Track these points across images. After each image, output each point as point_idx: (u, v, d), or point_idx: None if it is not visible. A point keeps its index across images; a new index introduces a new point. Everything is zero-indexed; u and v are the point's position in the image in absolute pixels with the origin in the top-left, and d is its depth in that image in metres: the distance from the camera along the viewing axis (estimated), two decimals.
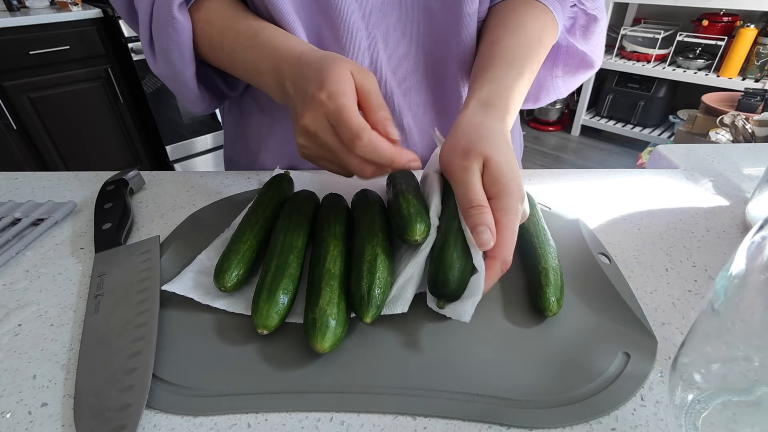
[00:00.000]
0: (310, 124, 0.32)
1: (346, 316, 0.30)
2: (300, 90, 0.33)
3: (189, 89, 0.45)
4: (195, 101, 0.48)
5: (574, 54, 0.50)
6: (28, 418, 0.26)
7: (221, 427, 0.25)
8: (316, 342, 0.27)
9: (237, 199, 0.46)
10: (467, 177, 0.31)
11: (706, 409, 0.22)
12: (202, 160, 2.21)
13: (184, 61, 0.42)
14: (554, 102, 2.89)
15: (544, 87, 0.54)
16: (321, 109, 0.31)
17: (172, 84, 0.46)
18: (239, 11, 0.42)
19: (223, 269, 0.33)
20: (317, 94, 0.31)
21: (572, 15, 0.49)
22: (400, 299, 0.31)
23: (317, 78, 0.32)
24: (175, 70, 0.43)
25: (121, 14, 0.46)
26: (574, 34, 0.50)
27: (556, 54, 0.51)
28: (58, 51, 1.72)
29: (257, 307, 0.30)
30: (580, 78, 0.54)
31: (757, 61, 2.03)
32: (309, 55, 0.35)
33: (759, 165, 0.55)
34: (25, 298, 0.35)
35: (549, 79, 0.53)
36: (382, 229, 0.34)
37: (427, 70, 0.50)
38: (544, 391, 0.27)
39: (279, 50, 0.37)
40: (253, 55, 0.39)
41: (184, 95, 0.47)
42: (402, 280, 0.31)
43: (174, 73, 0.44)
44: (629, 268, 0.37)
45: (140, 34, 0.43)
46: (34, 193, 0.50)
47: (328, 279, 0.30)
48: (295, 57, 0.36)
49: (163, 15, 0.40)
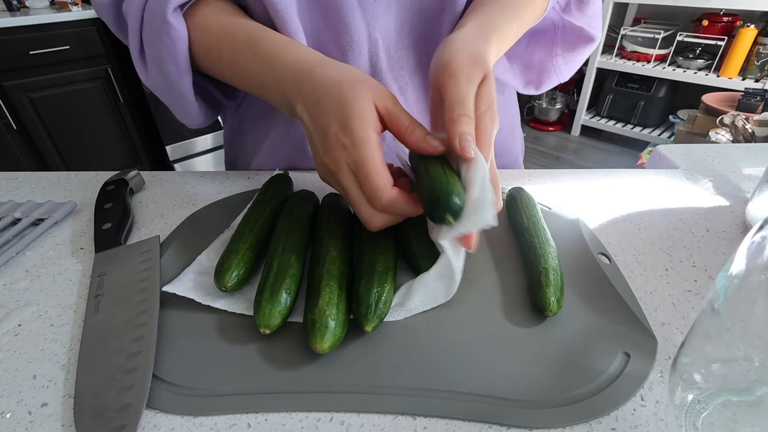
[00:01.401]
0: (331, 165, 0.31)
1: (345, 317, 0.30)
2: (318, 123, 0.31)
3: (186, 101, 0.43)
4: (192, 114, 0.45)
5: (571, 31, 0.50)
6: (28, 418, 0.26)
7: (221, 427, 0.25)
8: (315, 342, 0.27)
9: (237, 199, 0.46)
10: (470, 86, 0.31)
11: (706, 409, 0.22)
12: (202, 160, 2.21)
13: (180, 71, 0.39)
14: (554, 102, 2.90)
15: (545, 70, 0.53)
16: (343, 155, 0.30)
17: (167, 96, 0.43)
18: (236, 17, 0.39)
19: (224, 269, 0.33)
20: (340, 137, 0.30)
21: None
22: (402, 307, 0.32)
23: (338, 116, 0.30)
24: (169, 80, 0.40)
25: (108, 23, 0.43)
26: (569, 11, 0.49)
27: (553, 34, 0.50)
28: (58, 51, 1.72)
29: (260, 307, 0.30)
30: (582, 54, 0.52)
31: (757, 61, 2.03)
32: (322, 76, 0.32)
33: (759, 165, 0.55)
34: (25, 298, 0.35)
35: (549, 60, 0.52)
36: (393, 240, 0.35)
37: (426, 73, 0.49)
38: (544, 391, 0.27)
39: (284, 63, 0.35)
40: (255, 66, 0.37)
41: (179, 108, 0.44)
42: (405, 290, 0.32)
43: (168, 84, 0.41)
44: (629, 268, 0.37)
45: (130, 44, 0.41)
46: (34, 193, 0.50)
47: (328, 279, 0.30)
48: (305, 74, 0.33)
49: (156, 21, 0.37)
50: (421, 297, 0.32)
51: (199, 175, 0.52)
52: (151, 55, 0.40)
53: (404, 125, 0.31)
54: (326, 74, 0.32)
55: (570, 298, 0.33)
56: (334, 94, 0.31)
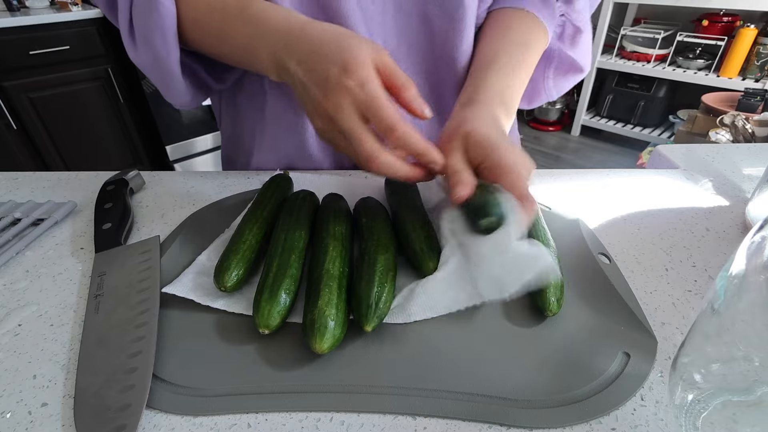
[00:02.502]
0: (331, 109, 0.31)
1: (345, 317, 0.30)
2: (317, 72, 0.32)
3: (173, 78, 0.43)
4: (179, 92, 0.45)
5: (565, 59, 0.53)
6: (28, 418, 0.26)
7: (221, 427, 0.25)
8: (314, 343, 0.27)
9: (237, 199, 0.46)
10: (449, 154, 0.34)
11: (706, 409, 0.22)
12: (202, 160, 2.21)
13: (168, 46, 0.40)
14: (554, 102, 2.90)
15: (536, 89, 0.56)
16: (349, 96, 0.31)
17: (155, 74, 0.44)
18: None
19: (223, 269, 0.33)
20: (344, 80, 0.30)
21: (561, 23, 0.51)
22: (404, 311, 0.32)
23: (340, 59, 0.31)
24: (157, 56, 0.41)
25: (98, 3, 0.44)
26: (563, 42, 0.52)
27: (549, 58, 0.54)
28: (58, 51, 1.72)
29: (259, 307, 0.30)
30: (570, 81, 0.57)
31: (757, 61, 2.03)
32: (314, 31, 0.34)
33: (759, 165, 0.55)
34: (25, 298, 0.35)
35: (541, 80, 0.56)
36: (394, 240, 0.35)
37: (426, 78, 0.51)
38: (544, 391, 0.27)
39: (274, 25, 0.36)
40: (244, 33, 0.37)
41: (166, 86, 0.45)
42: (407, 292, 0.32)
43: (156, 61, 0.41)
44: (629, 268, 0.37)
45: (120, 21, 0.42)
46: (34, 193, 0.50)
47: (327, 280, 0.30)
48: (296, 32, 0.34)
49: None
50: (422, 303, 0.32)
51: (199, 175, 0.52)
52: (139, 32, 0.41)
53: (399, 80, 0.33)
54: (322, 27, 0.34)
55: (570, 298, 0.33)
56: (333, 43, 0.32)
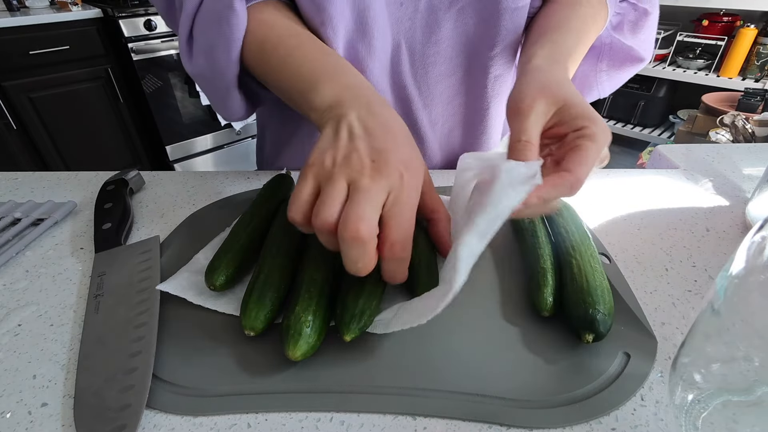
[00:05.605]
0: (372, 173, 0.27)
1: (323, 324, 0.29)
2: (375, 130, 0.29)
3: (229, 92, 0.41)
4: (233, 107, 0.43)
5: (619, 49, 0.49)
6: (28, 418, 0.26)
7: (221, 427, 0.25)
8: (287, 349, 0.27)
9: (237, 199, 0.46)
10: (527, 114, 0.31)
11: (706, 409, 0.22)
12: (202, 160, 2.21)
13: (230, 60, 0.38)
14: None
15: (587, 83, 0.52)
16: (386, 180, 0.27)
17: (209, 86, 0.42)
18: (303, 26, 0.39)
19: (213, 268, 0.32)
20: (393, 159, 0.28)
21: (620, 11, 0.48)
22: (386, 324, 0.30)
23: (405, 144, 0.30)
24: (216, 69, 0.39)
25: (155, 4, 0.43)
26: (621, 30, 0.49)
27: (600, 50, 0.50)
28: (58, 51, 1.72)
29: (246, 308, 0.29)
30: (627, 73, 0.52)
31: (757, 61, 2.03)
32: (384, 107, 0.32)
33: (759, 165, 0.55)
34: (25, 298, 0.35)
35: (593, 74, 0.52)
36: None
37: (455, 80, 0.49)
38: (544, 391, 0.27)
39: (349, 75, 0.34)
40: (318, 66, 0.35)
41: (220, 100, 0.43)
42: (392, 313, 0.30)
43: (214, 74, 0.40)
44: (629, 268, 0.37)
45: (180, 27, 0.40)
46: (34, 193, 0.50)
47: (309, 285, 0.30)
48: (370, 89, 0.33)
49: (219, 5, 0.36)
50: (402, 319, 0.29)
51: (199, 175, 0.52)
52: (202, 41, 0.39)
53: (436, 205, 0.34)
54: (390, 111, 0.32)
55: None
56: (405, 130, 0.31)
